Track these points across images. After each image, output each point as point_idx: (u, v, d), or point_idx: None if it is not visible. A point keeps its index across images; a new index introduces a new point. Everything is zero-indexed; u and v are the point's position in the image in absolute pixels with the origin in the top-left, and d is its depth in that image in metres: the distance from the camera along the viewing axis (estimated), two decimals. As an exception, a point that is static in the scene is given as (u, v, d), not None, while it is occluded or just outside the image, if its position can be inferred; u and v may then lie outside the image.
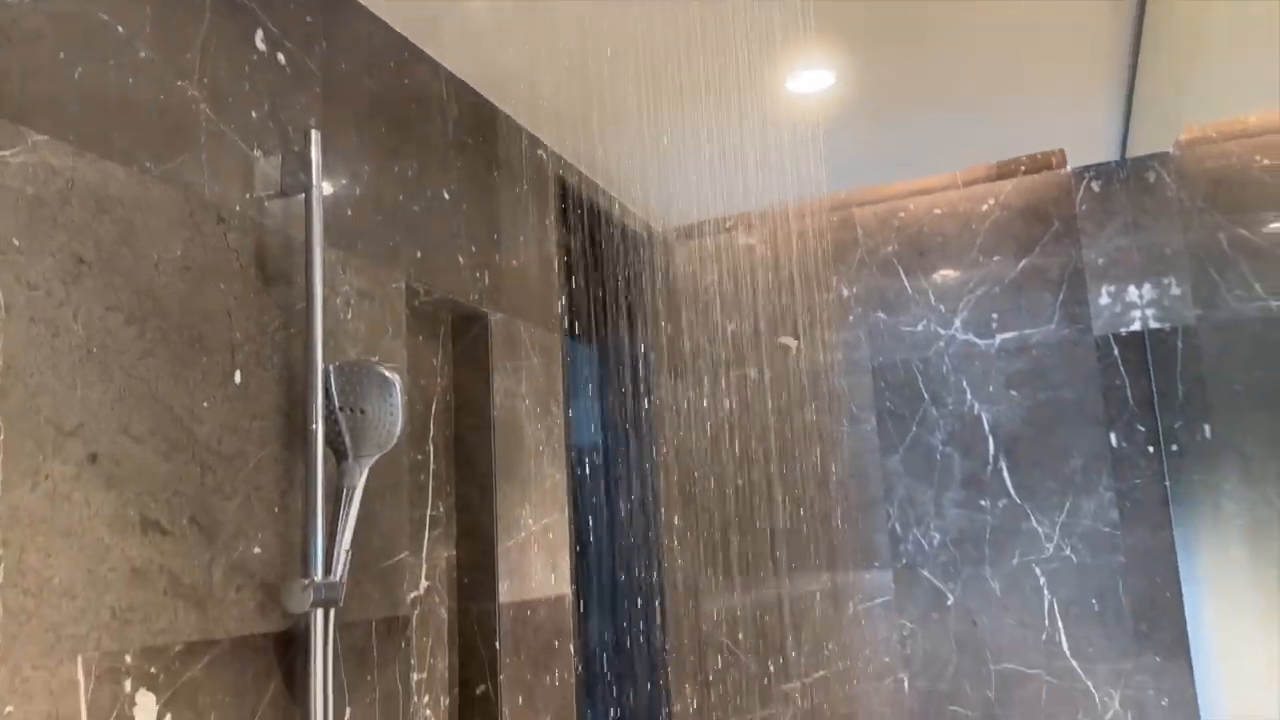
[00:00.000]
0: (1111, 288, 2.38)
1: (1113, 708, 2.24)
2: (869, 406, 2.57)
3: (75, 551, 0.99)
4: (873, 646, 2.44)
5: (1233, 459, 2.18)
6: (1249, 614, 2.15)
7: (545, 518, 1.90)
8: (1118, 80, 2.07)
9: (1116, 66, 2.00)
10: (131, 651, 1.04)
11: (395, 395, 1.32)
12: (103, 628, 1.01)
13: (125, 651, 1.03)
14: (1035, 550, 2.34)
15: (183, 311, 1.15)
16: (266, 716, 1.20)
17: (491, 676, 1.69)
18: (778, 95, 2.03)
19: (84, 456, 1.01)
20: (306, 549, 1.26)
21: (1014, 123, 2.29)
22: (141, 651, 1.05)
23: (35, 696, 0.94)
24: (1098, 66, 2.00)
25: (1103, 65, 1.99)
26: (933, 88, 2.06)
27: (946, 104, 2.15)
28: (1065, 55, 1.93)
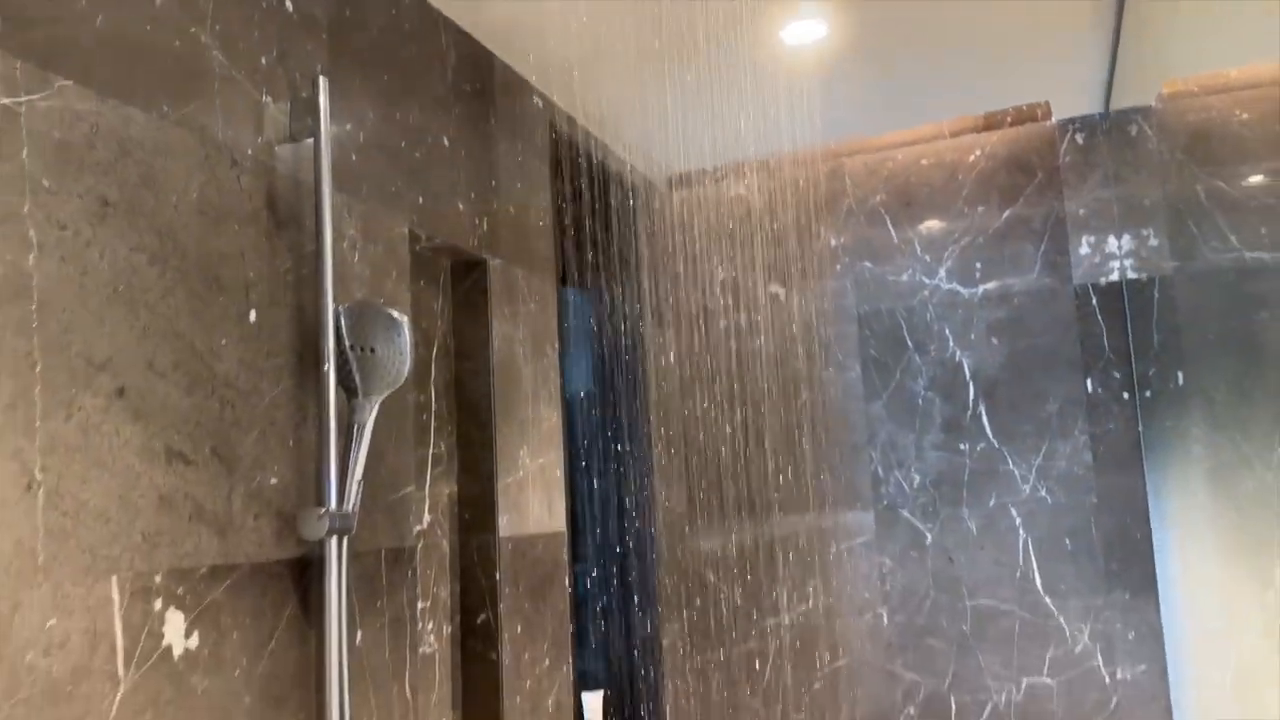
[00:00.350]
0: (1092, 238, 2.45)
1: (1082, 641, 2.35)
2: (854, 354, 2.64)
3: (107, 479, 1.05)
4: (854, 583, 2.54)
5: (1202, 405, 2.27)
6: (1211, 552, 2.25)
7: (541, 457, 1.97)
8: (1103, 33, 2.11)
9: (1102, 19, 2.04)
10: (160, 573, 1.11)
11: (404, 336, 1.37)
12: (134, 550, 1.07)
13: (155, 572, 1.10)
14: (1011, 491, 2.43)
15: (200, 252, 1.19)
16: (283, 638, 1.27)
17: (492, 606, 1.77)
18: (772, 46, 2.06)
19: (113, 390, 1.06)
20: (320, 480, 1.32)
21: (1001, 75, 2.34)
22: (169, 573, 1.12)
23: (75, 612, 1.00)
24: (1083, 19, 2.04)
25: (1088, 18, 2.03)
26: (923, 40, 2.09)
27: (936, 56, 2.19)
28: (1052, 8, 1.97)
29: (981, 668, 2.40)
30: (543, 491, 1.96)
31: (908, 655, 2.46)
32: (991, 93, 2.45)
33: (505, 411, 1.85)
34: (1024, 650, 2.37)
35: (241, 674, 1.20)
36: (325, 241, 1.34)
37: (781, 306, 2.74)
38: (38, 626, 0.96)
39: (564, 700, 1.95)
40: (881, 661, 2.48)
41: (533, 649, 1.86)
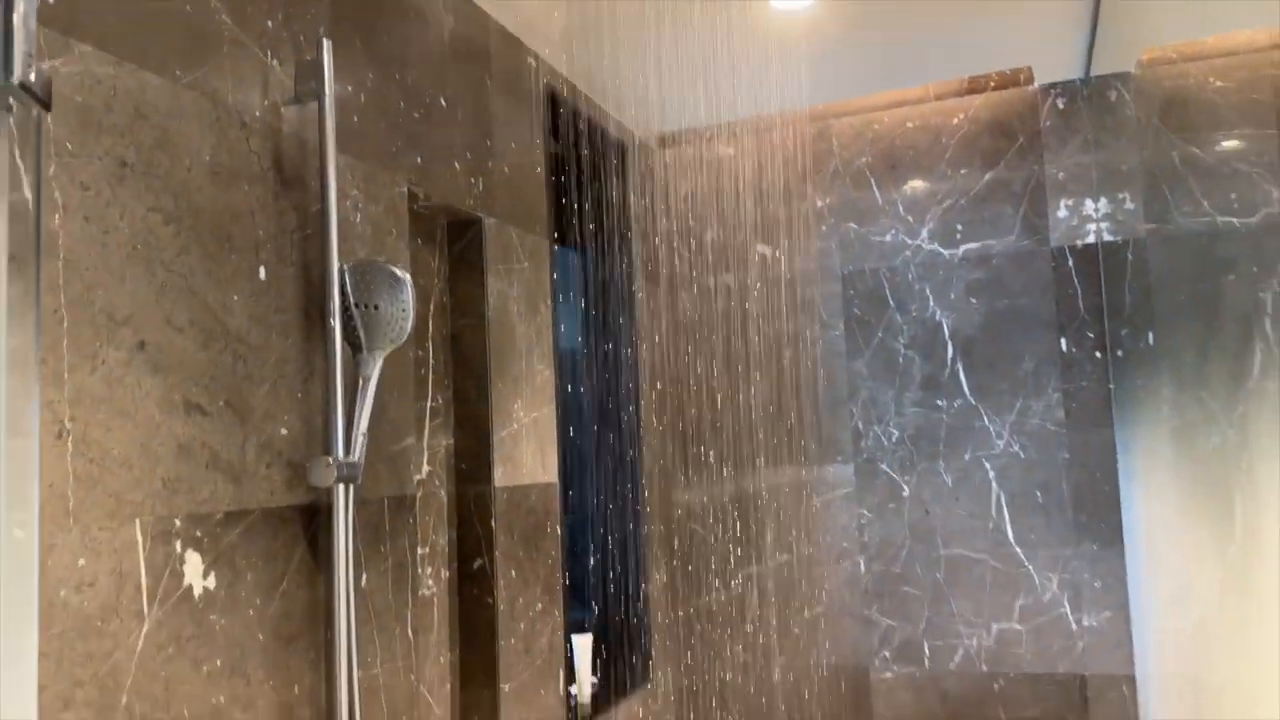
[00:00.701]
0: (1070, 201, 2.51)
1: (1050, 590, 2.46)
2: (838, 313, 2.71)
3: (130, 428, 1.11)
4: (833, 533, 2.63)
5: (1170, 365, 2.36)
6: (1175, 506, 2.36)
7: (535, 411, 2.04)
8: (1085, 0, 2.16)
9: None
10: (180, 517, 1.17)
11: (406, 293, 1.43)
12: (155, 495, 1.14)
13: (175, 517, 1.16)
14: (986, 447, 2.52)
15: (213, 212, 1.24)
16: (294, 579, 1.34)
17: (487, 552, 1.84)
18: (762, 8, 2.10)
19: (134, 344, 1.12)
20: (328, 431, 1.38)
21: (985, 39, 2.38)
22: (188, 517, 1.18)
23: (102, 553, 1.06)
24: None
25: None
26: (910, 3, 2.13)
27: (922, 19, 2.23)
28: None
29: (954, 614, 2.51)
30: (536, 444, 2.03)
31: (884, 602, 2.57)
32: (976, 57, 2.49)
33: (500, 367, 1.91)
34: (995, 598, 2.48)
35: (256, 613, 1.27)
36: (330, 201, 1.38)
37: (768, 266, 2.80)
38: (69, 566, 1.02)
39: (555, 642, 2.04)
40: (859, 608, 2.59)
41: (526, 594, 1.94)
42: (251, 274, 1.30)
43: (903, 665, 2.53)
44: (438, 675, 1.76)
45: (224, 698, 1.21)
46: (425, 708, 1.68)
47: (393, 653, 1.54)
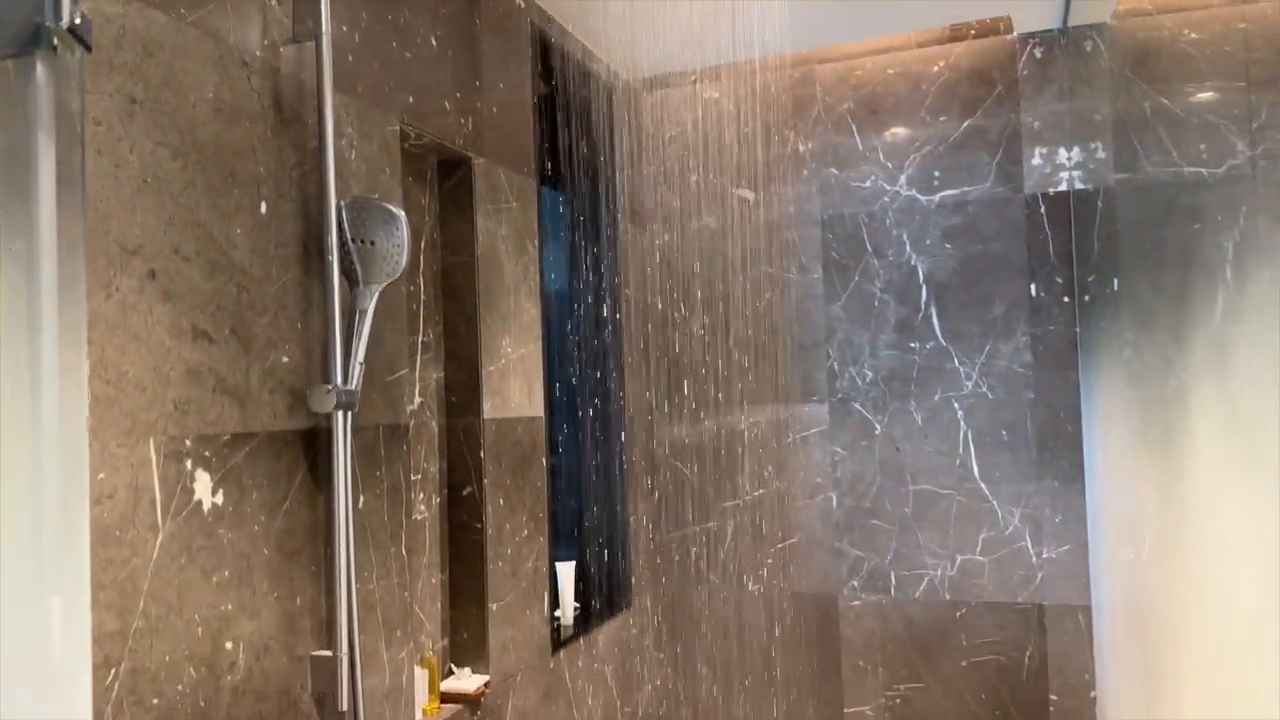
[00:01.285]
0: (1044, 150, 2.58)
1: (1013, 523, 2.58)
2: (817, 257, 2.78)
3: (143, 352, 1.17)
4: (807, 470, 2.74)
5: (1133, 310, 2.45)
6: (1133, 445, 2.47)
7: (522, 348, 2.11)
8: (1064, -48, 2.20)
9: (1063, -61, 2.13)
10: (190, 437, 1.24)
11: (401, 229, 1.49)
12: (167, 416, 1.21)
13: (185, 437, 1.23)
14: (956, 387, 2.62)
15: (217, 148, 1.29)
16: (296, 499, 1.42)
17: (476, 480, 1.93)
18: (746, -46, 2.13)
19: (145, 273, 1.18)
20: (327, 360, 1.45)
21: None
22: (198, 438, 1.25)
23: (120, 469, 1.14)
24: (1046, -62, 2.12)
25: (1051, -63, 2.12)
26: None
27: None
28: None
29: (920, 546, 2.63)
30: (523, 379, 2.11)
31: (854, 534, 2.68)
32: (957, 5, 2.53)
33: (489, 303, 1.98)
34: (959, 531, 2.60)
35: (261, 529, 1.35)
36: (328, 139, 1.44)
37: (750, 209, 2.86)
38: (90, 480, 1.10)
39: (540, 567, 2.14)
40: (830, 540, 2.71)
41: (513, 520, 2.03)
42: (253, 208, 1.36)
43: (870, 593, 2.66)
44: (429, 593, 1.85)
45: (231, 605, 1.30)
46: (418, 622, 1.78)
47: (388, 570, 1.63)
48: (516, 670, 2.00)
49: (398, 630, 1.64)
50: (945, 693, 2.59)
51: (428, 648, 1.82)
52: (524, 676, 2.04)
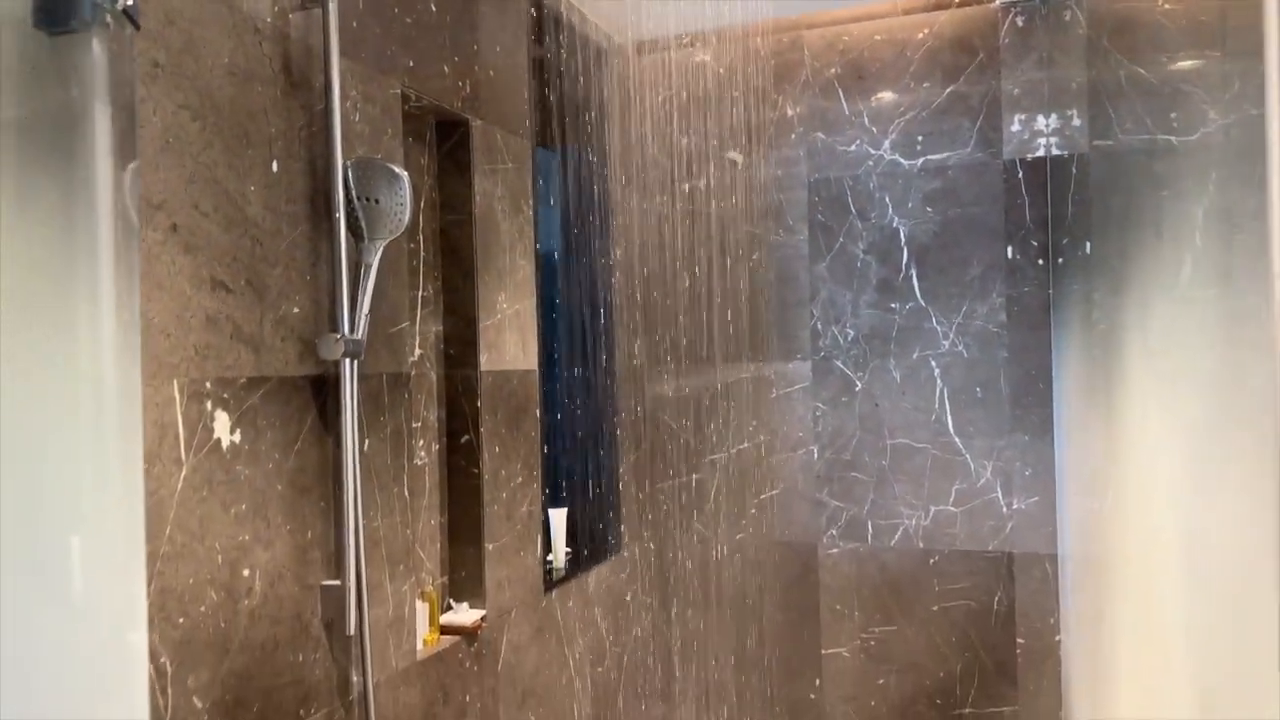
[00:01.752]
0: (1023, 117, 2.67)
1: (985, 476, 2.70)
2: (803, 219, 2.88)
3: (167, 300, 1.27)
4: (790, 424, 2.85)
5: (1104, 272, 2.55)
6: (1101, 402, 2.59)
7: (517, 304, 2.20)
8: (1043, -76, 2.27)
9: (1042, -89, 2.20)
10: (209, 380, 1.34)
11: (404, 188, 1.58)
12: (189, 360, 1.31)
13: (205, 380, 1.33)
14: (933, 346, 2.73)
15: (232, 110, 1.38)
16: (307, 439, 1.53)
17: (474, 429, 2.04)
18: (736, -77, 2.20)
19: (168, 226, 1.27)
20: (334, 311, 1.55)
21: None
22: (216, 381, 1.35)
23: (148, 407, 1.24)
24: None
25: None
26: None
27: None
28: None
29: (896, 497, 2.75)
30: (518, 333, 2.20)
31: (833, 486, 2.81)
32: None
33: (485, 261, 2.07)
34: (934, 483, 2.72)
35: (274, 466, 1.46)
36: (334, 102, 1.52)
37: (739, 171, 2.94)
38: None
39: (534, 512, 2.26)
40: (810, 491, 2.83)
41: (508, 467, 2.14)
42: (265, 167, 1.44)
43: (848, 541, 2.79)
44: (429, 533, 1.97)
45: (248, 536, 1.41)
46: (418, 560, 1.90)
47: (391, 509, 1.74)
48: (511, 607, 2.13)
49: (400, 565, 1.76)
50: (918, 635, 2.73)
51: (428, 583, 1.94)
52: (518, 613, 2.16)
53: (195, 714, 1.30)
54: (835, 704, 2.80)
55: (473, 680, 1.97)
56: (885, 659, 2.76)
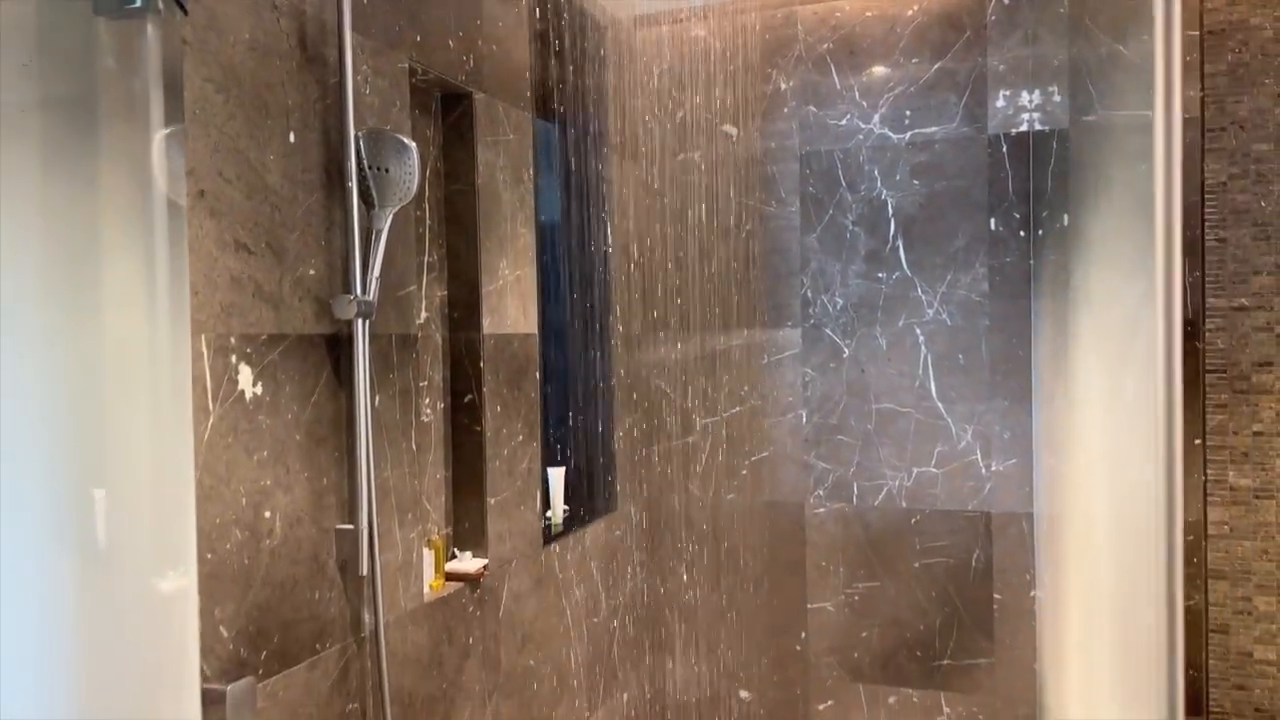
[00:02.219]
0: (1007, 92, 2.75)
1: (965, 439, 2.81)
2: (794, 191, 2.97)
3: (195, 260, 1.37)
4: (780, 389, 2.96)
5: (1081, 244, 2.66)
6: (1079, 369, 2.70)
7: (518, 270, 2.30)
8: (1027, -95, 2.35)
9: (1026, -107, 2.28)
10: (234, 335, 1.45)
11: (412, 158, 1.67)
12: (215, 317, 1.41)
13: (230, 335, 1.44)
14: (918, 314, 2.83)
15: (252, 83, 1.47)
16: (322, 393, 1.63)
17: (477, 389, 2.14)
18: (730, -97, 2.27)
19: (196, 192, 1.37)
20: (347, 273, 1.65)
21: (939, -63, 2.56)
22: (240, 337, 1.46)
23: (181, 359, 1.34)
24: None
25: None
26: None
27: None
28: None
29: (880, 459, 2.87)
30: (518, 299, 2.31)
31: (821, 448, 2.92)
32: (930, -48, 2.68)
33: (488, 228, 2.17)
34: (916, 446, 2.84)
35: (293, 418, 1.57)
36: (347, 75, 1.61)
37: (733, 144, 3.03)
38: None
39: (533, 470, 2.37)
40: (799, 453, 2.94)
41: (509, 426, 2.25)
42: (284, 138, 1.54)
43: (834, 502, 2.91)
44: (434, 486, 2.08)
45: (269, 481, 1.52)
46: (425, 511, 2.01)
47: (400, 461, 1.85)
48: (512, 558, 2.25)
49: (409, 514, 1.87)
50: (899, 590, 2.86)
51: (434, 532, 2.05)
52: (518, 564, 2.28)
53: (222, 642, 1.41)
54: (820, 655, 2.93)
55: (476, 624, 2.09)
56: (868, 613, 2.89)
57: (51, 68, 0.79)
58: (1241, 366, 2.61)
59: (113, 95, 0.84)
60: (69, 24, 0.82)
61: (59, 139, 0.78)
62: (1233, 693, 2.65)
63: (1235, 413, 2.61)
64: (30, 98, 0.73)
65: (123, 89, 0.84)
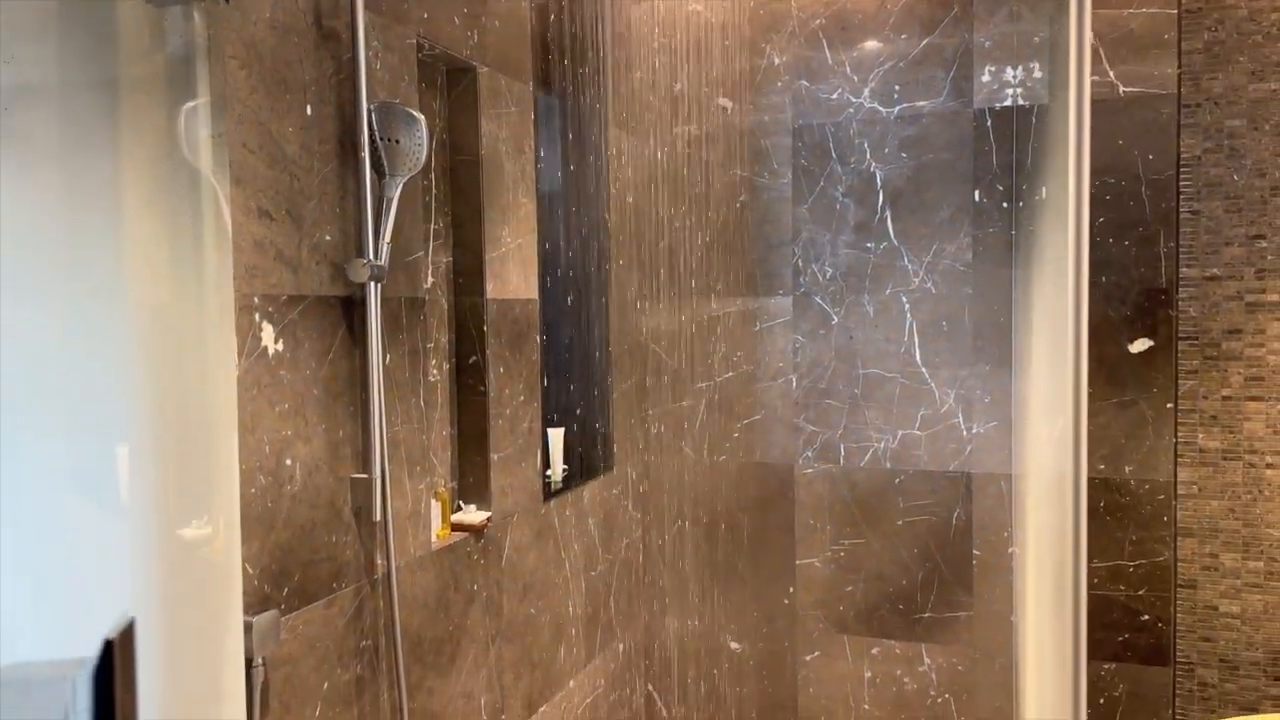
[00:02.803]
0: (993, 68, 2.85)
1: (948, 403, 2.93)
2: (787, 163, 3.07)
3: (222, 226, 1.47)
4: (771, 355, 3.08)
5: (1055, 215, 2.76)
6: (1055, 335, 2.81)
7: (520, 238, 2.41)
8: (1011, -113, 2.43)
9: (1009, -125, 2.36)
10: (257, 295, 1.56)
11: (421, 130, 1.77)
12: (240, 278, 1.52)
13: (254, 295, 1.55)
14: (904, 283, 2.94)
15: (273, 60, 1.57)
16: (337, 351, 1.75)
17: (480, 351, 2.26)
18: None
19: (223, 159, 1.47)
20: (360, 239, 1.76)
21: (927, -84, 2.64)
22: (263, 297, 1.57)
23: (208, 317, 1.45)
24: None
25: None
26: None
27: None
28: None
29: (867, 422, 2.99)
30: (520, 265, 2.41)
31: (810, 412, 3.04)
32: (919, -69, 2.76)
33: (491, 198, 2.27)
34: (901, 409, 2.96)
35: (311, 373, 1.68)
36: (360, 51, 1.71)
37: (728, 117, 3.13)
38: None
39: (534, 429, 2.49)
40: (789, 417, 3.07)
41: (511, 386, 2.37)
42: (301, 110, 1.64)
43: (822, 463, 3.03)
44: (441, 442, 2.20)
45: (290, 432, 1.63)
46: (431, 464, 2.13)
47: (409, 417, 1.97)
48: (514, 511, 2.37)
49: (417, 466, 1.99)
50: (883, 547, 2.99)
51: (440, 485, 2.18)
52: (519, 517, 2.40)
53: (248, 578, 1.54)
54: (807, 608, 3.07)
55: (480, 572, 2.22)
56: (853, 568, 3.02)
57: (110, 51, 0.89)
58: (1212, 334, 2.73)
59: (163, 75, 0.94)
60: (128, 10, 0.92)
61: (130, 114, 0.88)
62: (1199, 644, 2.79)
63: (1205, 378, 2.73)
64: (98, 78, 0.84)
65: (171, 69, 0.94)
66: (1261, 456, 2.70)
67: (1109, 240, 2.76)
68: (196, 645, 0.95)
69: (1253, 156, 2.66)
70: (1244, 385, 2.71)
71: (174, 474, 0.96)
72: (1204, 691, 2.79)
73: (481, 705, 2.23)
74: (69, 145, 0.81)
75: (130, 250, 0.88)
